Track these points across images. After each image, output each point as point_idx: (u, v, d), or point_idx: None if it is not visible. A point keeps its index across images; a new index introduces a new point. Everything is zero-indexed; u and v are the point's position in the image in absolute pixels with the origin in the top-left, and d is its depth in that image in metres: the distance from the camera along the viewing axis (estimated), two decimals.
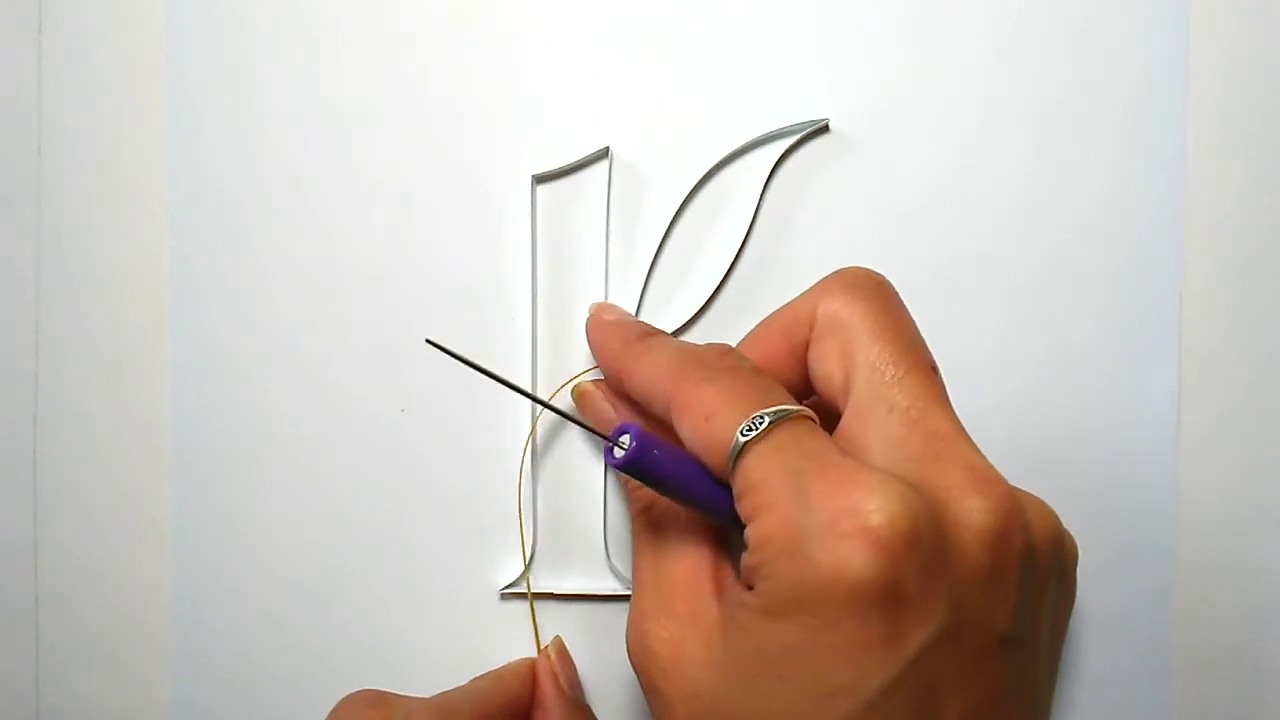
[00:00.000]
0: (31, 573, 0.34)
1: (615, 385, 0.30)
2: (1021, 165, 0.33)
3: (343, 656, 0.33)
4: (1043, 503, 0.25)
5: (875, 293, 0.27)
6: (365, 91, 0.33)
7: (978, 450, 0.24)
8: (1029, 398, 0.33)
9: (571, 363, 0.33)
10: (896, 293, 0.27)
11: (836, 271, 0.28)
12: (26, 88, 0.34)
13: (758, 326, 0.29)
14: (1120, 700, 0.33)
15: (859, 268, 0.28)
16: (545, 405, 0.28)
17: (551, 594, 0.33)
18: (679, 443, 0.27)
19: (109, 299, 0.34)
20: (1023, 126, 0.33)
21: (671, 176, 0.33)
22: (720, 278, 0.33)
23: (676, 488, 0.26)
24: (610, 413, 0.31)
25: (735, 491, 0.25)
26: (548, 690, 0.32)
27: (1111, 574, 0.33)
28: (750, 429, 0.25)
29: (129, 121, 0.34)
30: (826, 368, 0.27)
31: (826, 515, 0.22)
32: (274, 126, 0.33)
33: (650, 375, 0.28)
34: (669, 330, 0.33)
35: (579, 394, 0.32)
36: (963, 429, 0.25)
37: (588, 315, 0.32)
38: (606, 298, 0.33)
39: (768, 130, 0.32)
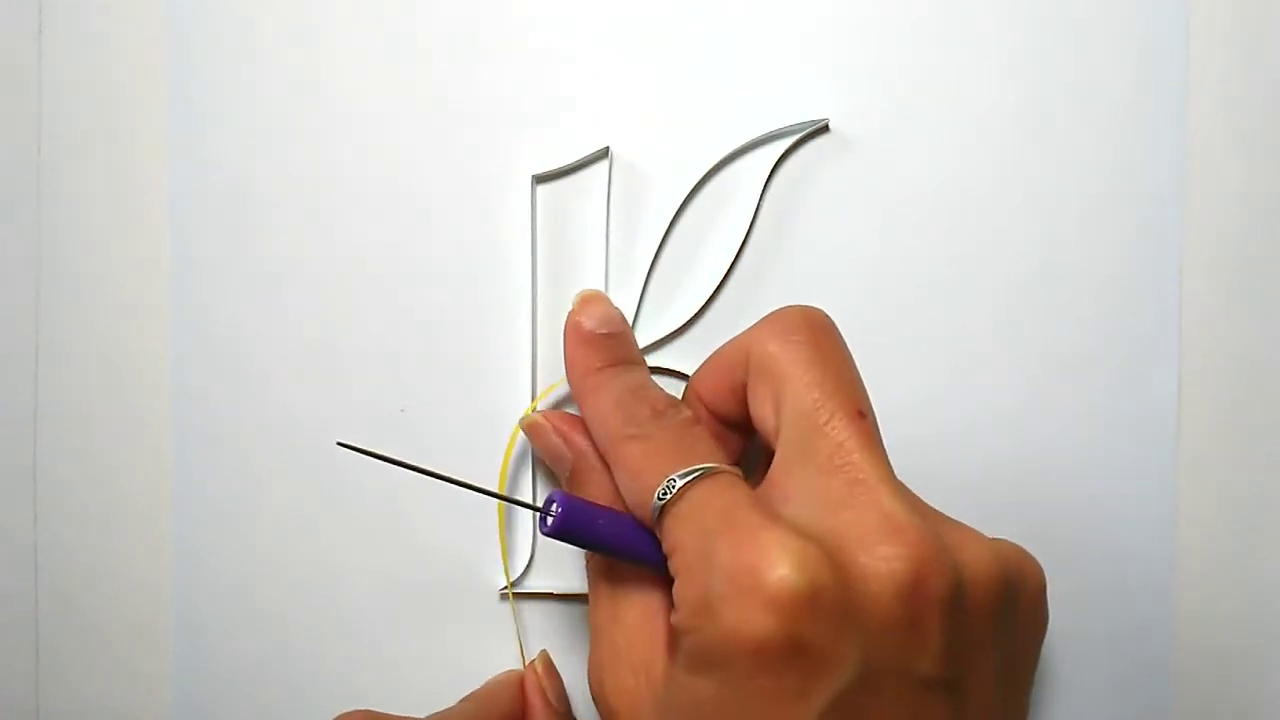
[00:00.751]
0: (31, 573, 0.34)
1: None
2: (1021, 165, 0.33)
3: (342, 657, 0.33)
4: (982, 540, 0.25)
5: (809, 336, 0.26)
6: (365, 92, 0.33)
7: (898, 495, 0.24)
8: (1028, 398, 0.33)
9: None
10: (835, 332, 0.27)
11: (776, 311, 0.28)
12: (26, 88, 0.34)
13: (709, 358, 0.29)
14: (1121, 711, 0.33)
15: (797, 308, 0.28)
16: (473, 489, 0.28)
17: (550, 594, 0.33)
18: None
19: (109, 299, 0.34)
20: (1023, 126, 0.32)
21: (671, 176, 0.33)
22: (720, 278, 0.33)
23: (612, 550, 0.27)
24: (562, 447, 0.30)
25: (664, 550, 0.25)
26: (536, 704, 0.32)
27: (1110, 577, 0.33)
28: (665, 493, 0.25)
29: (129, 121, 0.34)
30: (761, 411, 0.27)
31: (729, 574, 0.23)
32: (274, 127, 0.33)
33: (594, 419, 0.29)
34: (669, 330, 0.33)
35: (528, 425, 0.31)
36: (887, 473, 0.24)
37: (569, 310, 0.31)
38: None
39: (768, 130, 0.32)
